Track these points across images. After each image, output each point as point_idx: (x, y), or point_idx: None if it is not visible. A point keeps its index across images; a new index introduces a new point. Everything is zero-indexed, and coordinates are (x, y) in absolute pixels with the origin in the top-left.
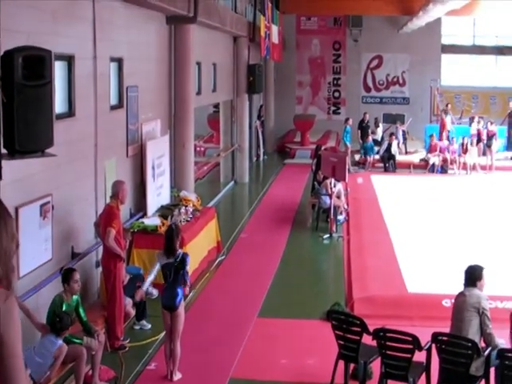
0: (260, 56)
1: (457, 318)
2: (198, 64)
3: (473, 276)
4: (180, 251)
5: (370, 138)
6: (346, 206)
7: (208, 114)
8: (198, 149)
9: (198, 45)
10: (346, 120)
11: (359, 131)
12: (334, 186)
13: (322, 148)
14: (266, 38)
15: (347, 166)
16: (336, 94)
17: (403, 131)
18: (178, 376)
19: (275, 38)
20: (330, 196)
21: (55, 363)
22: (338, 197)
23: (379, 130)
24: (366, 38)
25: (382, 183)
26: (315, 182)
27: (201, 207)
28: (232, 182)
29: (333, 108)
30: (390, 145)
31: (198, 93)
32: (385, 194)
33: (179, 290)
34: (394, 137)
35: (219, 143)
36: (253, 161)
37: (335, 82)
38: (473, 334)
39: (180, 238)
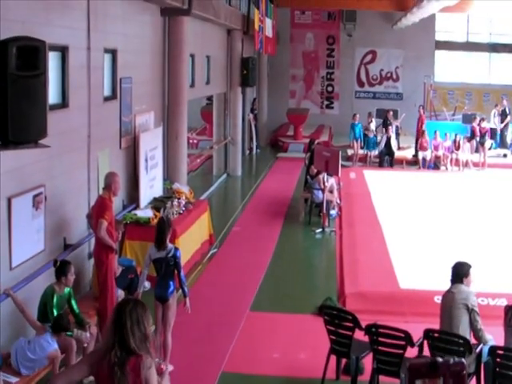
0: (254, 49)
1: (446, 316)
2: (192, 56)
3: (460, 272)
4: (171, 246)
5: (372, 133)
6: (338, 201)
7: (201, 106)
8: (191, 141)
9: (191, 37)
10: (354, 116)
11: (384, 129)
12: (327, 181)
13: (316, 142)
14: (259, 32)
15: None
16: (329, 89)
17: (396, 126)
18: (169, 368)
19: (269, 32)
20: (323, 190)
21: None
22: (331, 191)
23: (372, 126)
24: (360, 33)
25: (375, 178)
26: (308, 176)
27: (193, 200)
28: (225, 175)
29: (326, 102)
30: (388, 139)
31: (192, 85)
32: (378, 189)
33: (171, 282)
34: (390, 128)
35: (212, 136)
36: (245, 154)
37: (329, 76)
38: (463, 330)
39: (171, 230)
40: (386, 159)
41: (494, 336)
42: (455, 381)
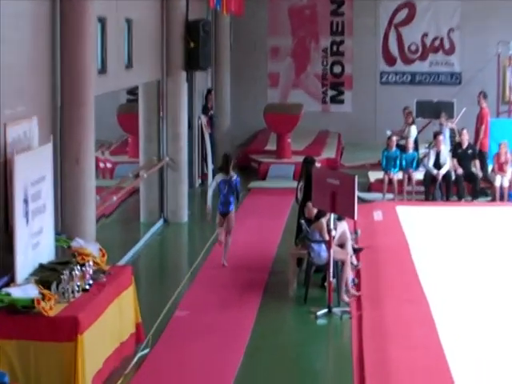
0: (207, 7)
1: None
2: (102, 21)
3: None
4: (234, 175)
5: (394, 143)
6: (354, 262)
7: (119, 105)
8: (101, 165)
9: None
10: (389, 139)
11: (455, 159)
12: (335, 228)
13: (317, 163)
14: None
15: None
16: (336, 69)
17: (451, 130)
18: (225, 263)
19: None
20: (328, 244)
21: None
22: (342, 245)
23: (413, 131)
24: None
25: (416, 220)
26: (302, 221)
27: (107, 266)
28: (160, 222)
29: (331, 93)
30: (438, 154)
31: (102, 71)
32: (420, 238)
33: (231, 199)
34: (441, 137)
35: (137, 155)
36: (195, 185)
37: (335, 48)
38: None
39: (233, 162)
40: (438, 187)
41: None
42: None
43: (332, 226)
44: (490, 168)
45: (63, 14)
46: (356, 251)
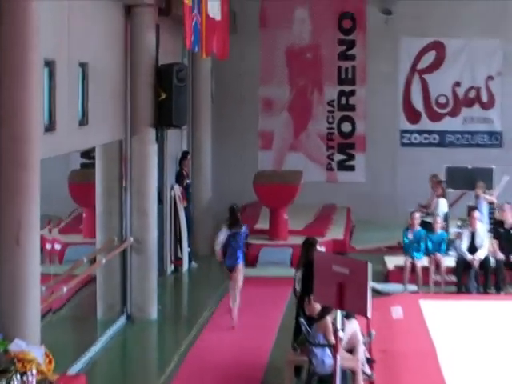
0: (183, 48)
1: None
2: (49, 65)
3: None
4: (243, 227)
5: (418, 221)
6: (368, 371)
7: (71, 171)
8: (48, 246)
9: (48, 26)
10: (412, 215)
11: (495, 242)
12: (343, 329)
13: (319, 246)
14: (194, 11)
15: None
16: (345, 128)
17: (490, 205)
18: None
19: (215, 11)
20: (334, 349)
21: None
22: (351, 350)
23: (442, 204)
24: (409, 8)
25: (445, 318)
26: (301, 319)
27: (55, 376)
28: (122, 319)
29: (338, 157)
30: (473, 234)
31: (50, 128)
32: (452, 340)
33: (239, 254)
34: (477, 214)
35: (94, 234)
36: (167, 272)
37: (344, 100)
38: None
39: (240, 214)
40: (474, 275)
41: None
42: None
43: (339, 325)
44: None
45: (3, 55)
46: (368, 362)
